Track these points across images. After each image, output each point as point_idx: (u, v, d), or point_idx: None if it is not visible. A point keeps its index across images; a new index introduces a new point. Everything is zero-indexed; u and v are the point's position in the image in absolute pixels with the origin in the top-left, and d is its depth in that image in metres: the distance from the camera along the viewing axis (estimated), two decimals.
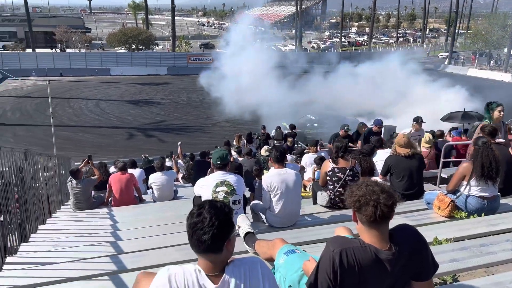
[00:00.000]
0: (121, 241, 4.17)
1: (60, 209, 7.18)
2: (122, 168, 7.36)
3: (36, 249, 4.08)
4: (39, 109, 26.37)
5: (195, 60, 44.24)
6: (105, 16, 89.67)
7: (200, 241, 1.60)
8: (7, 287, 2.94)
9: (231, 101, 25.76)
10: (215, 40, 65.54)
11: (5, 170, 4.13)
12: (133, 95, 32.19)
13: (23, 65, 37.02)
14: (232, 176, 3.97)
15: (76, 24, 55.12)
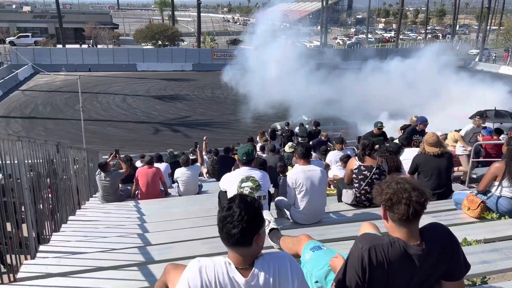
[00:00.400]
0: (148, 233, 4.27)
1: (89, 201, 7.39)
2: (149, 162, 7.52)
3: (68, 238, 4.22)
4: (68, 104, 27.10)
5: (220, 56, 44.45)
6: (132, 13, 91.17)
7: (230, 234, 1.63)
8: (41, 274, 3.06)
9: (255, 97, 25.79)
10: (240, 36, 65.68)
11: (39, 161, 4.28)
12: (159, 90, 32.64)
13: (54, 61, 38.04)
14: (258, 172, 4.00)
15: (104, 21, 56.25)
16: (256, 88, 26.48)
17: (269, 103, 24.68)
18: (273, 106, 24.84)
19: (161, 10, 70.03)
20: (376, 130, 8.70)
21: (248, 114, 25.17)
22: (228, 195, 4.06)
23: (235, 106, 29.04)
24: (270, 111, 24.93)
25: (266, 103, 24.80)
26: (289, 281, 1.70)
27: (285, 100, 24.51)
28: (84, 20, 53.05)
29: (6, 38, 46.59)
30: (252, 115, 25.18)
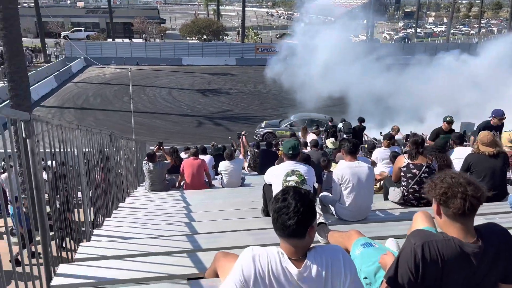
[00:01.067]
0: (194, 222, 4.39)
1: (137, 189, 7.69)
2: (194, 154, 7.70)
3: (119, 224, 4.42)
4: (117, 96, 28.22)
5: (263, 51, 44.50)
6: (179, 7, 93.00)
7: (285, 225, 1.65)
8: (96, 256, 3.24)
9: (300, 92, 25.62)
10: (284, 30, 65.32)
11: (94, 150, 4.51)
12: (203, 84, 33.22)
13: (104, 54, 39.66)
14: (303, 166, 4.00)
15: (152, 15, 57.85)
16: (301, 83, 26.28)
17: (313, 98, 24.43)
18: (317, 101, 24.58)
19: (207, 4, 70.91)
20: (445, 125, 7.69)
21: (290, 109, 25.08)
22: (273, 188, 4.09)
23: (277, 101, 29.05)
24: (313, 106, 24.69)
25: (311, 98, 24.58)
26: (342, 274, 1.71)
27: (330, 95, 24.21)
28: (133, 15, 54.79)
29: (61, 32, 49.06)
30: (294, 110, 25.06)
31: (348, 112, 20.49)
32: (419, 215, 2.46)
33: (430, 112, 19.29)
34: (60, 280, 2.66)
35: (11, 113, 2.11)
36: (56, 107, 25.38)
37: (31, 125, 2.35)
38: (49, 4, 57.03)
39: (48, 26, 45.10)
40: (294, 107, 25.35)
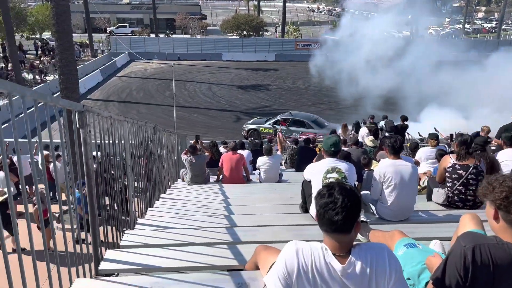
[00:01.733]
0: (233, 215, 4.45)
1: (177, 181, 7.89)
2: (233, 149, 7.80)
3: (161, 214, 4.56)
4: (159, 90, 28.97)
5: (303, 46, 44.16)
6: (220, 3, 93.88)
7: (332, 221, 1.65)
8: (140, 244, 3.36)
9: (341, 89, 25.25)
10: (325, 26, 64.44)
11: (139, 142, 4.66)
12: (242, 80, 33.43)
13: (147, 49, 40.78)
14: (344, 164, 3.96)
15: (194, 11, 58.78)
16: (343, 79, 25.87)
17: (355, 95, 24.00)
18: (359, 98, 24.10)
19: (248, 0, 71.13)
20: None
21: (329, 106, 24.80)
22: (313, 185, 4.08)
23: (316, 97, 28.75)
24: (353, 103, 24.26)
25: (352, 95, 24.17)
26: (387, 273, 1.68)
27: (370, 93, 23.67)
28: (176, 11, 55.88)
29: (107, 28, 50.87)
30: (334, 107, 24.76)
31: (391, 110, 19.96)
32: (467, 218, 2.38)
33: (476, 111, 18.44)
34: (107, 265, 2.79)
35: (67, 104, 2.22)
36: (101, 100, 26.40)
37: (84, 116, 2.48)
38: (97, 1, 59.17)
39: (95, 21, 46.88)
40: (333, 103, 25.03)
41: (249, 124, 19.82)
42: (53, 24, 10.42)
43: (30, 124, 1.67)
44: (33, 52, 37.49)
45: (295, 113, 20.31)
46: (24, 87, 1.74)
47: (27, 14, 36.66)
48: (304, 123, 18.59)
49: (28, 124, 1.71)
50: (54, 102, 2.02)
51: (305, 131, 18.03)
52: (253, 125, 19.52)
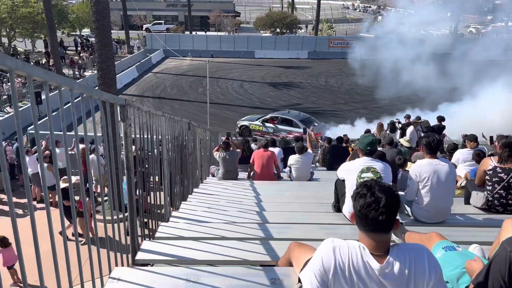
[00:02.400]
0: (265, 211, 4.47)
1: (209, 176, 7.99)
2: (265, 146, 7.83)
3: (194, 208, 4.63)
4: (192, 87, 29.40)
5: (337, 44, 43.62)
6: (254, 1, 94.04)
7: (375, 220, 1.63)
8: (175, 236, 3.43)
9: (375, 87, 24.78)
10: (359, 24, 63.34)
11: (174, 135, 4.76)
12: (274, 77, 33.41)
13: (182, 46, 41.45)
14: (380, 164, 3.89)
15: (227, 9, 59.19)
16: (379, 78, 25.35)
17: (391, 94, 23.47)
18: (396, 97, 23.57)
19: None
20: None
21: (362, 105, 24.39)
22: (346, 184, 4.03)
23: (349, 96, 28.35)
24: (388, 102, 23.76)
25: (389, 94, 23.66)
26: (426, 275, 1.65)
27: (407, 92, 23.10)
28: (210, 8, 56.44)
29: (143, 25, 52.01)
30: (368, 106, 24.33)
31: (427, 111, 19.38)
32: (510, 222, 2.29)
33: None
34: (143, 255, 2.87)
35: (110, 97, 2.30)
36: (136, 95, 27.06)
37: (126, 110, 2.55)
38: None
39: (132, 19, 48.05)
40: (367, 102, 24.59)
41: (242, 120, 20.12)
42: (93, 21, 10.76)
43: (68, 117, 1.73)
44: (73, 48, 38.89)
45: (290, 112, 20.52)
46: (72, 81, 1.82)
47: (68, 12, 38.06)
48: (292, 122, 18.73)
49: (75, 116, 1.78)
50: (98, 96, 2.09)
51: (292, 130, 18.27)
52: (245, 122, 19.80)
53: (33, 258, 1.53)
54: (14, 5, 28.88)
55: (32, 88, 1.47)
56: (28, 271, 1.51)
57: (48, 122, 1.64)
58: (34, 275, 1.59)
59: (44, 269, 1.56)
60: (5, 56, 1.26)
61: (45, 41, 34.23)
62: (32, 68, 1.40)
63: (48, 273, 1.62)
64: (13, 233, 1.38)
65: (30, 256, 1.51)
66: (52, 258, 1.67)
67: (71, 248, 1.84)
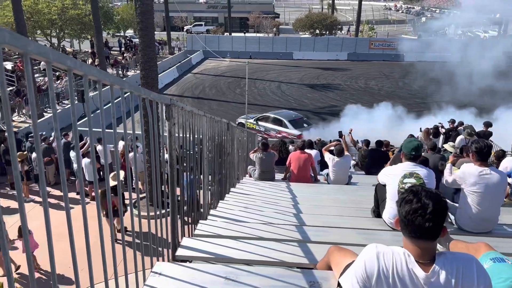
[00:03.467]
0: (302, 214, 4.45)
1: (245, 176, 8.05)
2: (302, 148, 7.78)
3: (231, 207, 4.68)
4: (230, 87, 29.71)
5: (378, 46, 42.72)
6: (293, 2, 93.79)
7: (422, 227, 1.59)
8: (213, 234, 3.48)
9: (417, 90, 24.02)
10: (402, 25, 61.73)
11: (215, 134, 4.83)
12: (312, 79, 33.16)
13: (221, 47, 41.97)
14: (423, 169, 3.78)
15: (267, 10, 59.42)
16: (422, 81, 24.56)
17: (435, 98, 22.70)
18: (438, 101, 22.77)
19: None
20: None
21: (401, 108, 23.68)
22: (387, 189, 3.94)
23: (389, 99, 27.65)
24: (432, 106, 22.97)
25: (432, 98, 22.91)
26: (474, 286, 1.59)
27: (453, 96, 22.24)
28: (249, 10, 56.86)
29: (184, 26, 53.15)
30: (408, 109, 23.60)
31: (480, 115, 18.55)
32: None
33: None
34: (183, 252, 2.93)
35: (157, 97, 2.37)
36: (176, 95, 27.66)
37: (170, 109, 2.62)
38: (176, 0, 61.99)
39: (173, 20, 49.24)
40: (408, 105, 23.87)
41: (241, 118, 20.53)
42: (137, 22, 11.10)
43: (115, 114, 1.79)
44: (117, 49, 40.29)
45: (284, 112, 20.72)
46: (122, 80, 1.89)
47: (114, 13, 39.50)
48: (282, 122, 18.89)
49: (115, 116, 1.84)
50: (146, 95, 2.16)
51: (281, 130, 18.57)
52: (243, 119, 20.12)
53: (81, 250, 1.59)
54: (64, 7, 30.30)
55: (88, 86, 1.54)
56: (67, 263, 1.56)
57: (102, 119, 1.71)
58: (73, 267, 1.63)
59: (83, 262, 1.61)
60: (66, 56, 1.33)
61: (91, 42, 35.70)
62: (89, 68, 1.47)
63: (83, 265, 1.65)
64: (67, 225, 1.44)
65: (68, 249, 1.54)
66: (93, 252, 1.72)
67: (108, 243, 1.91)
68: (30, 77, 1.20)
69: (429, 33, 31.65)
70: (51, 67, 1.28)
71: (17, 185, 1.17)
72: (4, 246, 1.09)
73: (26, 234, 1.16)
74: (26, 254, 1.07)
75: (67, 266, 2.00)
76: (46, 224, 1.31)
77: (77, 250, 1.50)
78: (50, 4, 30.03)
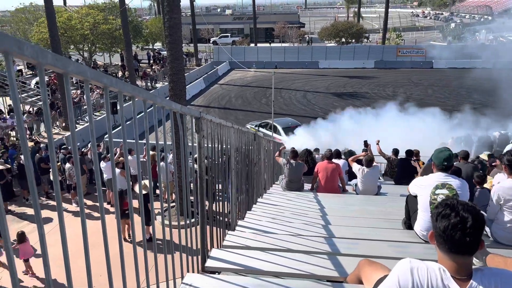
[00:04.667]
0: (330, 225, 4.40)
1: (272, 187, 8.03)
2: (329, 157, 7.70)
3: (259, 218, 4.67)
4: (256, 97, 29.87)
5: (405, 53, 42.06)
6: (318, 11, 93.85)
7: (461, 242, 1.54)
8: (241, 245, 3.49)
9: (449, 98, 23.40)
10: (430, 32, 60.58)
11: (242, 145, 4.86)
12: (338, 87, 32.92)
13: (247, 58, 42.36)
14: (456, 180, 3.67)
15: (292, 20, 59.70)
16: (454, 89, 23.93)
17: (462, 106, 22.06)
18: (474, 109, 22.08)
19: (348, 7, 70.01)
20: None
21: (430, 117, 23.12)
22: (419, 200, 3.85)
23: (416, 107, 27.09)
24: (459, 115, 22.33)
25: (463, 107, 22.27)
26: None
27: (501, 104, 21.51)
28: (275, 20, 57.26)
29: (211, 38, 54.01)
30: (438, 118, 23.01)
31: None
32: None
33: None
34: (212, 263, 2.95)
35: (187, 110, 2.42)
36: (203, 106, 28.04)
37: (200, 122, 2.67)
38: (202, 13, 63.26)
39: (200, 32, 50.14)
40: (439, 114, 23.26)
41: (248, 125, 20.72)
42: (166, 36, 11.37)
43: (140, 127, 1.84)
44: (146, 61, 41.32)
45: (283, 120, 21.01)
46: (154, 95, 1.94)
47: (143, 27, 40.61)
48: (277, 128, 19.13)
49: (158, 130, 1.89)
50: (177, 109, 2.21)
51: (275, 137, 18.47)
52: (248, 125, 20.36)
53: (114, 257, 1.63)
54: (96, 23, 31.41)
55: (122, 101, 1.59)
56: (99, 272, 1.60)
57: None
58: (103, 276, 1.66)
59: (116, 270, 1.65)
60: (102, 74, 1.39)
61: (121, 55, 36.78)
62: (123, 85, 1.52)
63: (118, 273, 1.69)
64: (102, 232, 1.49)
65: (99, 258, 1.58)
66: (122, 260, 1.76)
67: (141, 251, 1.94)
68: (70, 96, 1.25)
69: (459, 38, 30.90)
70: (89, 85, 1.34)
71: (57, 197, 1.22)
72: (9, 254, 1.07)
73: (8, 242, 1.07)
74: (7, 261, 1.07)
75: (98, 275, 2.05)
76: (83, 234, 1.36)
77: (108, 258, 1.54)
78: (83, 20, 31.17)
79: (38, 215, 1.11)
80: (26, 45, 1.00)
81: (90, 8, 34.78)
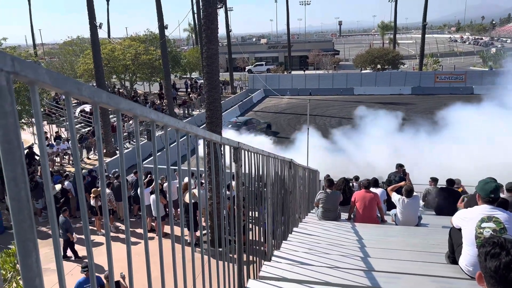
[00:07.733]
0: (369, 258, 4.26)
1: (308, 215, 7.91)
2: (366, 187, 7.54)
3: (295, 248, 4.61)
4: (290, 124, 29.94)
5: (444, 79, 41.13)
6: (353, 39, 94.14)
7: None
8: (277, 277, 3.44)
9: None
10: (470, 57, 59.15)
11: (278, 174, 4.86)
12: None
13: (281, 85, 42.82)
14: (503, 214, 3.49)
15: (326, 48, 60.13)
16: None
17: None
18: None
19: (383, 34, 69.90)
20: None
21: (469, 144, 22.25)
22: (463, 233, 3.68)
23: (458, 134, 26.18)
24: None
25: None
26: None
27: None
28: (309, 48, 57.87)
29: (246, 66, 55.17)
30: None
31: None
32: None
33: None
34: None
35: (226, 141, 2.47)
36: None
37: (238, 152, 2.71)
38: (238, 42, 65.10)
39: (236, 61, 51.37)
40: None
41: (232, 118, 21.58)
42: (203, 65, 11.74)
43: (180, 155, 1.90)
44: (183, 90, 42.61)
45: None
46: (198, 129, 2.00)
47: (181, 57, 42.13)
48: (254, 123, 20.38)
49: (199, 162, 1.93)
50: (218, 140, 2.27)
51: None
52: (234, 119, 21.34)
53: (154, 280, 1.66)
54: (137, 53, 32.92)
55: (168, 136, 1.66)
56: None
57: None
58: None
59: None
60: (150, 110, 1.46)
61: (160, 84, 38.15)
62: (168, 119, 1.59)
63: None
64: (145, 257, 1.52)
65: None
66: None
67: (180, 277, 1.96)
68: (121, 131, 1.32)
69: (500, 63, 29.95)
70: (138, 120, 1.41)
71: (83, 217, 1.27)
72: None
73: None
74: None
75: None
76: (127, 258, 1.40)
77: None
78: (125, 51, 32.76)
79: (88, 240, 1.16)
80: (84, 86, 1.08)
81: (132, 40, 36.60)
